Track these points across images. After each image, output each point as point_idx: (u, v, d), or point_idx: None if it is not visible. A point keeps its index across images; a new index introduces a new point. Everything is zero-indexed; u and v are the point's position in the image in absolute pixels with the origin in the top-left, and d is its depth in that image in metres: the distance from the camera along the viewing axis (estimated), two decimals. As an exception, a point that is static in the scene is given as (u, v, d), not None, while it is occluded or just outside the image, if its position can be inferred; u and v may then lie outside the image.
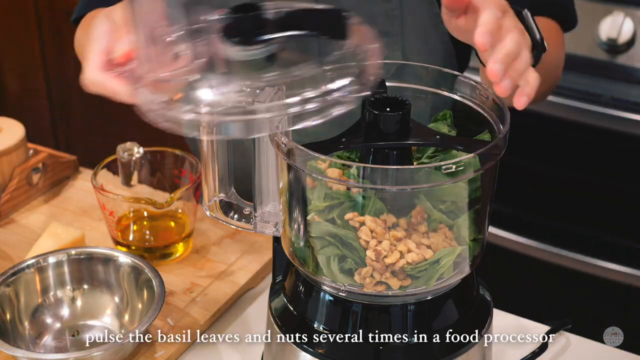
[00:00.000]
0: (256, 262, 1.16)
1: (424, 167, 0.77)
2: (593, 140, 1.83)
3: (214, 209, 0.92)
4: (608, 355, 1.03)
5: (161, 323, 1.04)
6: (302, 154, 0.78)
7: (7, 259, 1.16)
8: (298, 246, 0.84)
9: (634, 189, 1.85)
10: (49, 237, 1.14)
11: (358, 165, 0.78)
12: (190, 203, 1.15)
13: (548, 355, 1.01)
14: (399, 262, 0.79)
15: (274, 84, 0.74)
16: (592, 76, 1.81)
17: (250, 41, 0.75)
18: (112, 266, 1.06)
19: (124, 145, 1.18)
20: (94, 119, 2.62)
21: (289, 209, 0.84)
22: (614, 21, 1.76)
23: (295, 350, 0.86)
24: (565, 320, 1.06)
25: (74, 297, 1.07)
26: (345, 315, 0.84)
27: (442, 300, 0.85)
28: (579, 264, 1.91)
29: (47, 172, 1.30)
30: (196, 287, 1.11)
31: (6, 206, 1.25)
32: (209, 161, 0.89)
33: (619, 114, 1.77)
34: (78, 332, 1.04)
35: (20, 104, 2.73)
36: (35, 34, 2.55)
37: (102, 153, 1.28)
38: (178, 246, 1.16)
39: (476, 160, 0.76)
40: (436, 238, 0.80)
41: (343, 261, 0.81)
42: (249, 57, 0.75)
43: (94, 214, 1.25)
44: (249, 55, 0.75)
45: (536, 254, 1.95)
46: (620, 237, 1.90)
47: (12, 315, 1.02)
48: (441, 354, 0.84)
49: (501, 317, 1.07)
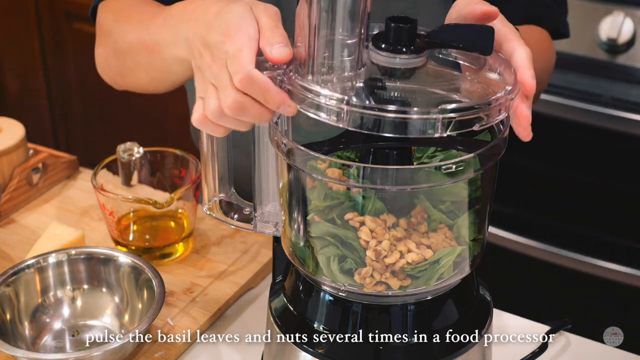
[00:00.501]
0: (256, 262, 1.16)
1: (424, 167, 0.77)
2: (593, 140, 1.83)
3: (214, 209, 0.92)
4: (608, 355, 1.03)
5: (161, 323, 1.04)
6: (302, 154, 0.78)
7: (7, 259, 1.16)
8: (298, 246, 0.85)
9: (634, 189, 1.85)
10: (49, 237, 1.14)
11: (358, 165, 0.78)
12: (190, 203, 1.15)
13: (548, 355, 1.01)
14: (398, 262, 0.79)
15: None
16: (592, 76, 1.81)
17: (400, 51, 0.76)
18: (112, 266, 1.06)
19: (124, 145, 1.18)
20: (94, 119, 2.63)
21: (289, 209, 0.84)
22: (614, 21, 1.76)
23: (295, 350, 0.86)
24: (565, 320, 1.06)
25: (74, 297, 1.07)
26: (345, 315, 0.84)
27: (442, 300, 0.85)
28: (579, 264, 1.91)
29: (47, 172, 1.30)
30: (196, 287, 1.11)
31: (6, 206, 1.25)
32: (208, 161, 0.89)
33: (619, 114, 1.77)
34: (78, 332, 1.04)
35: (20, 104, 2.74)
36: (35, 34, 2.55)
37: (102, 153, 1.28)
38: (178, 246, 1.16)
39: (476, 160, 0.76)
40: (436, 238, 0.80)
41: (343, 261, 0.81)
42: (397, 66, 0.77)
43: (94, 214, 1.25)
44: (397, 64, 0.77)
45: (536, 254, 1.95)
46: (620, 237, 1.90)
47: (12, 315, 1.02)
48: (441, 354, 0.84)
49: (501, 317, 1.08)
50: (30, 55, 2.60)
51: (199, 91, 0.82)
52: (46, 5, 2.48)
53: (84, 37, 2.44)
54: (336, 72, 0.76)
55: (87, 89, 2.56)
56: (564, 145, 1.89)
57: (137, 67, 1.06)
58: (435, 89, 0.77)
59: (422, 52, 0.77)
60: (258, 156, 0.87)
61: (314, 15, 0.74)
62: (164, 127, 2.38)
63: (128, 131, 2.49)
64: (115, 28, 1.10)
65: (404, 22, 0.77)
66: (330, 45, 0.75)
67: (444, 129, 0.71)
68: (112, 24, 1.12)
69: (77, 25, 2.45)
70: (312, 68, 0.76)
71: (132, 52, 1.05)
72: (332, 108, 0.72)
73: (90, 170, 1.27)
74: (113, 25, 1.11)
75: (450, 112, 0.71)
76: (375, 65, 0.78)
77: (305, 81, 0.75)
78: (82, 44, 2.47)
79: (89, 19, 1.22)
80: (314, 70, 0.75)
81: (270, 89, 0.75)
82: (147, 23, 1.00)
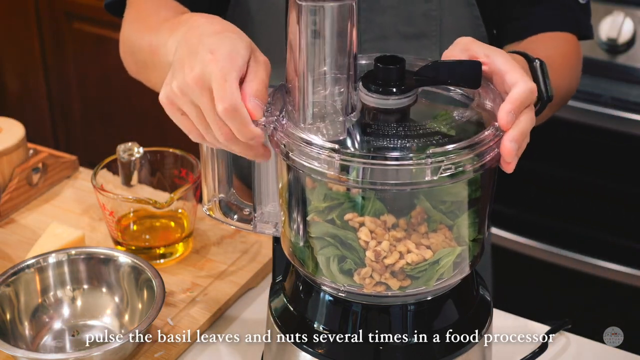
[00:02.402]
0: (256, 262, 1.16)
1: (424, 166, 0.77)
2: (593, 140, 1.83)
3: (214, 209, 0.92)
4: (608, 355, 1.03)
5: (161, 323, 1.04)
6: (301, 154, 0.78)
7: (7, 259, 1.16)
8: (298, 246, 0.85)
9: (634, 189, 1.85)
10: (49, 237, 1.14)
11: (358, 166, 0.78)
12: (190, 203, 1.15)
13: (548, 355, 1.01)
14: (398, 263, 0.79)
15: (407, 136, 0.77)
16: (592, 76, 1.81)
17: (389, 92, 0.78)
18: (112, 266, 1.06)
19: (124, 145, 1.18)
20: (94, 119, 2.63)
21: (289, 209, 0.84)
22: (614, 21, 1.76)
23: (295, 350, 0.86)
24: (565, 320, 1.06)
25: (74, 297, 1.07)
26: (345, 315, 0.84)
27: (442, 300, 0.85)
28: (579, 264, 1.91)
29: (47, 172, 1.30)
30: (196, 287, 1.11)
31: (6, 206, 1.25)
32: (208, 161, 0.89)
33: (619, 114, 1.77)
34: (78, 332, 1.05)
35: (20, 104, 2.74)
36: (35, 34, 2.55)
37: (102, 153, 1.28)
38: (178, 246, 1.16)
39: (476, 160, 0.76)
40: (436, 238, 0.80)
41: (342, 262, 0.81)
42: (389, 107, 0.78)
43: (94, 214, 1.25)
44: (386, 105, 0.78)
45: (536, 254, 1.95)
46: (620, 237, 1.90)
47: (12, 315, 1.02)
48: (441, 354, 0.84)
49: (501, 317, 1.08)
50: (30, 55, 2.60)
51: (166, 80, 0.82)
52: (46, 5, 2.48)
53: (84, 37, 2.44)
54: (328, 117, 0.77)
55: (87, 89, 2.56)
56: (564, 146, 1.90)
57: (147, 67, 1.07)
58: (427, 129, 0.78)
59: (412, 91, 0.79)
60: (258, 156, 0.87)
61: (303, 45, 0.75)
62: (164, 127, 2.37)
63: (128, 131, 2.49)
64: (131, 29, 1.12)
65: (393, 63, 0.79)
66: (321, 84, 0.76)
67: (434, 173, 0.74)
68: (129, 26, 1.13)
69: (77, 25, 2.44)
70: (304, 113, 0.77)
71: (142, 53, 1.06)
72: (323, 157, 0.75)
73: (90, 170, 1.27)
74: (130, 26, 1.13)
75: (440, 156, 0.73)
76: (366, 106, 0.79)
77: (297, 130, 0.77)
78: (82, 44, 2.47)
79: (89, 19, 1.22)
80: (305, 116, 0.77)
81: (248, 125, 0.77)
82: (157, 27, 1.01)
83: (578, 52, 1.19)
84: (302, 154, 0.76)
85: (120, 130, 2.54)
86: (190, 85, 0.78)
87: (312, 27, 0.74)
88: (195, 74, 0.78)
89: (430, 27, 1.16)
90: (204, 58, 0.78)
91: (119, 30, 1.17)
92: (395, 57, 0.79)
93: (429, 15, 1.15)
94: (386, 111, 0.79)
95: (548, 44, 1.13)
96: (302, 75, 0.76)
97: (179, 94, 0.80)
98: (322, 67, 0.76)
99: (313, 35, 0.74)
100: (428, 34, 1.16)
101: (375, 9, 1.14)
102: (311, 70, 0.76)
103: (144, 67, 1.09)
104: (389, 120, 0.79)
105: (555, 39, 1.15)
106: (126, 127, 2.54)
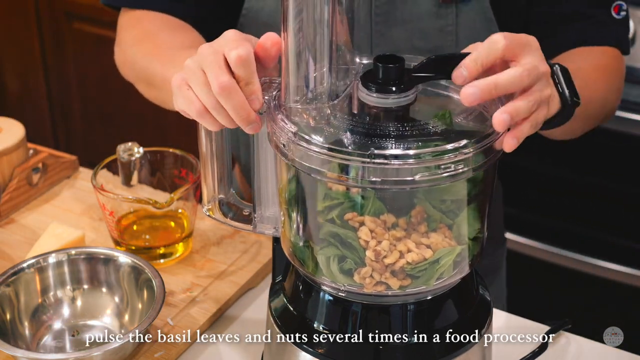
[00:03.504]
0: (256, 262, 1.16)
1: (423, 166, 0.77)
2: (593, 140, 1.83)
3: (213, 209, 0.92)
4: (608, 355, 1.03)
5: (161, 323, 1.04)
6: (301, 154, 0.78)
7: (7, 259, 1.16)
8: (297, 246, 0.84)
9: (634, 189, 1.85)
10: (49, 237, 1.14)
11: (358, 165, 0.78)
12: (190, 203, 1.15)
13: (548, 355, 1.01)
14: (398, 262, 0.79)
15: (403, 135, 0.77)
16: (592, 76, 1.81)
17: (386, 90, 0.79)
18: (112, 266, 1.06)
19: (124, 145, 1.18)
20: (94, 119, 2.63)
21: (289, 209, 0.84)
22: (614, 21, 1.76)
23: (295, 350, 0.86)
24: (565, 320, 1.06)
25: (74, 297, 1.07)
26: (345, 315, 0.84)
27: (442, 300, 0.85)
28: (579, 264, 1.91)
29: (47, 172, 1.30)
30: (196, 287, 1.11)
31: (6, 206, 1.25)
32: (207, 162, 0.89)
33: (619, 114, 1.76)
34: (78, 332, 1.05)
35: (20, 104, 2.74)
36: (35, 34, 2.55)
37: (102, 153, 1.28)
38: (178, 246, 1.16)
39: (476, 159, 0.76)
40: (436, 238, 0.80)
41: (343, 261, 0.81)
42: (388, 106, 0.79)
43: (94, 214, 1.25)
44: (385, 104, 0.79)
45: (536, 253, 1.95)
46: (620, 237, 1.90)
47: (12, 315, 1.02)
48: (441, 354, 0.84)
49: (501, 317, 1.08)
50: (30, 55, 2.60)
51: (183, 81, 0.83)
52: (46, 5, 2.48)
53: (84, 37, 2.44)
54: (311, 101, 0.78)
55: (87, 89, 2.56)
56: (564, 146, 1.89)
57: (153, 88, 1.10)
58: (427, 128, 0.78)
59: (411, 89, 0.79)
60: (257, 156, 0.87)
61: (289, 26, 0.76)
62: (164, 127, 2.38)
63: (128, 131, 2.48)
64: (139, 52, 1.14)
65: (392, 62, 0.79)
66: (303, 67, 0.77)
67: (434, 173, 0.74)
68: (135, 49, 1.15)
69: (77, 25, 2.44)
70: (288, 93, 0.78)
71: (152, 78, 1.09)
72: (323, 156, 0.76)
73: (90, 170, 1.27)
74: (136, 49, 1.14)
75: (440, 155, 0.74)
76: (365, 105, 0.80)
77: (289, 120, 0.78)
78: (82, 44, 2.47)
79: (89, 19, 1.22)
80: (289, 96, 0.78)
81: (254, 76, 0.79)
82: (172, 55, 1.04)
83: (619, 66, 1.15)
84: (301, 153, 0.76)
85: (120, 130, 2.54)
86: (203, 52, 0.81)
87: (296, 8, 0.75)
88: (210, 48, 0.81)
89: (446, 42, 1.14)
90: (217, 41, 0.82)
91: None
92: (395, 56, 0.79)
93: (444, 30, 1.14)
94: (386, 110, 0.79)
95: (581, 56, 1.11)
96: (286, 55, 0.77)
97: (190, 64, 0.82)
98: (306, 51, 0.77)
99: (296, 16, 0.75)
100: (443, 48, 1.14)
101: (389, 22, 1.14)
102: (295, 52, 0.77)
103: (147, 85, 1.12)
104: (389, 119, 0.79)
105: (591, 52, 1.12)
106: (126, 127, 2.54)
